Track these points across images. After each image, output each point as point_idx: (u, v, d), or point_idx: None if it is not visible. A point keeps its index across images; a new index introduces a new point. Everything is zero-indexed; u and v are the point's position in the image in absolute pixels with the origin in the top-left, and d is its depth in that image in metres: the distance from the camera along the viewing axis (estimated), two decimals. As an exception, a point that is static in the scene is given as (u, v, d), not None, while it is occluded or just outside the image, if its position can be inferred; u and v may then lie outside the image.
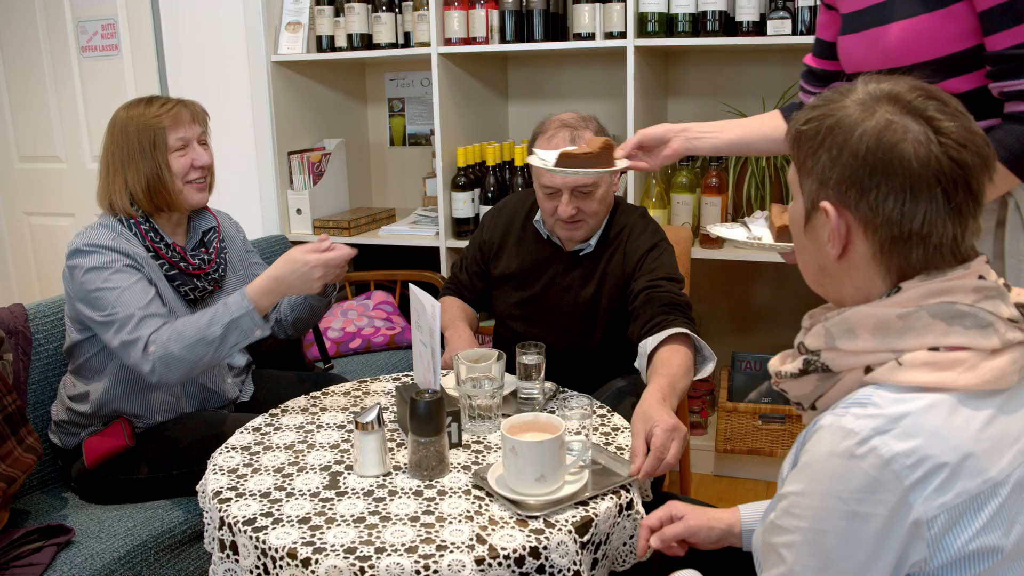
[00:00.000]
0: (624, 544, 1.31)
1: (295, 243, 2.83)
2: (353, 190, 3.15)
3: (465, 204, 2.71)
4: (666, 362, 1.58)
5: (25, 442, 1.68)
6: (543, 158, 1.60)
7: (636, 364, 1.67)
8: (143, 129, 1.74)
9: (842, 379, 0.88)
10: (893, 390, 0.83)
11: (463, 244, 2.73)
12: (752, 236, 1.48)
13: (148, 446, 1.79)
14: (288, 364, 2.30)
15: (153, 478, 1.77)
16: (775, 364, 0.99)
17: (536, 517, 1.22)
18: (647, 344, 1.64)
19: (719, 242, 2.53)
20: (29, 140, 3.36)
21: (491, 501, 1.28)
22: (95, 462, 1.76)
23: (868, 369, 0.85)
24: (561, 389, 1.71)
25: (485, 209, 2.69)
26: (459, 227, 2.74)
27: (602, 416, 1.59)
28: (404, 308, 2.80)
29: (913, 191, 0.83)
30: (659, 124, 1.56)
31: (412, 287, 1.52)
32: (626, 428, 1.53)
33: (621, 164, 1.52)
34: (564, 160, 1.51)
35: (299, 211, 2.91)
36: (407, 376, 1.82)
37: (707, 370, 1.66)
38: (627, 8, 2.41)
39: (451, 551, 1.15)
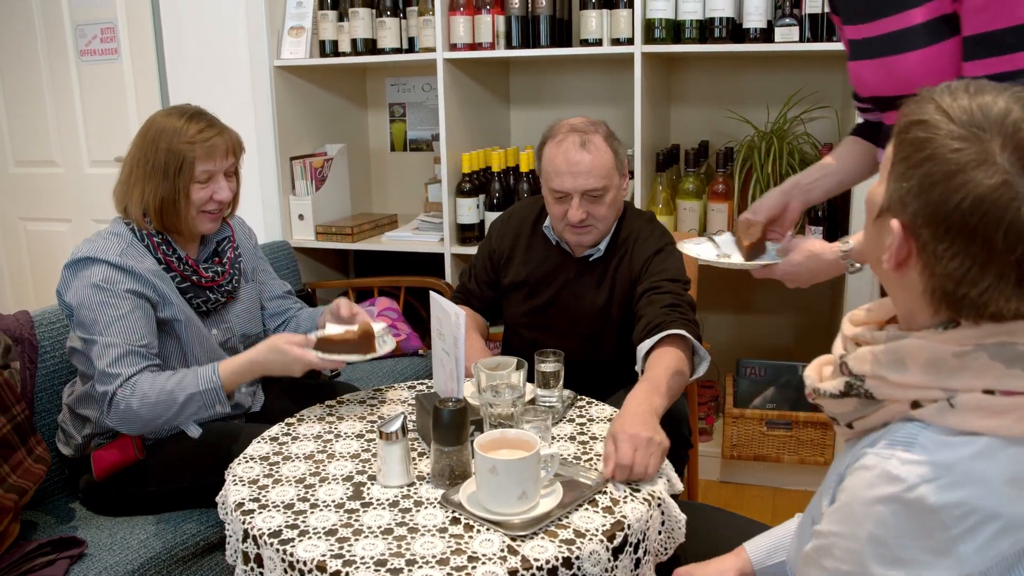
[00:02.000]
0: (659, 533, 1.31)
1: (297, 249, 2.83)
2: (354, 196, 3.14)
3: (470, 210, 2.70)
4: (655, 364, 1.59)
5: (35, 452, 1.66)
6: (321, 334, 1.66)
7: (636, 367, 1.67)
8: (173, 151, 1.69)
9: (886, 407, 0.85)
10: (941, 432, 0.80)
11: (468, 250, 2.72)
12: (721, 254, 1.48)
13: (158, 458, 1.76)
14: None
15: (164, 490, 1.75)
16: (812, 377, 0.97)
17: (524, 536, 1.19)
18: (643, 347, 1.65)
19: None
20: (25, 145, 3.32)
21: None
22: (103, 474, 1.73)
23: (915, 404, 0.82)
24: (579, 397, 1.71)
25: (490, 215, 2.68)
26: (464, 233, 2.73)
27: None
28: (408, 314, 2.79)
29: (985, 266, 0.78)
30: (767, 195, 1.53)
31: (433, 295, 1.51)
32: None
33: (383, 350, 1.62)
34: (323, 344, 1.61)
35: (301, 217, 2.89)
36: (422, 384, 1.80)
37: (701, 370, 1.68)
38: (634, 14, 2.41)
39: (483, 563, 1.14)
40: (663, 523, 1.32)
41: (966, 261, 0.78)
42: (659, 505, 1.31)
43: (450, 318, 1.41)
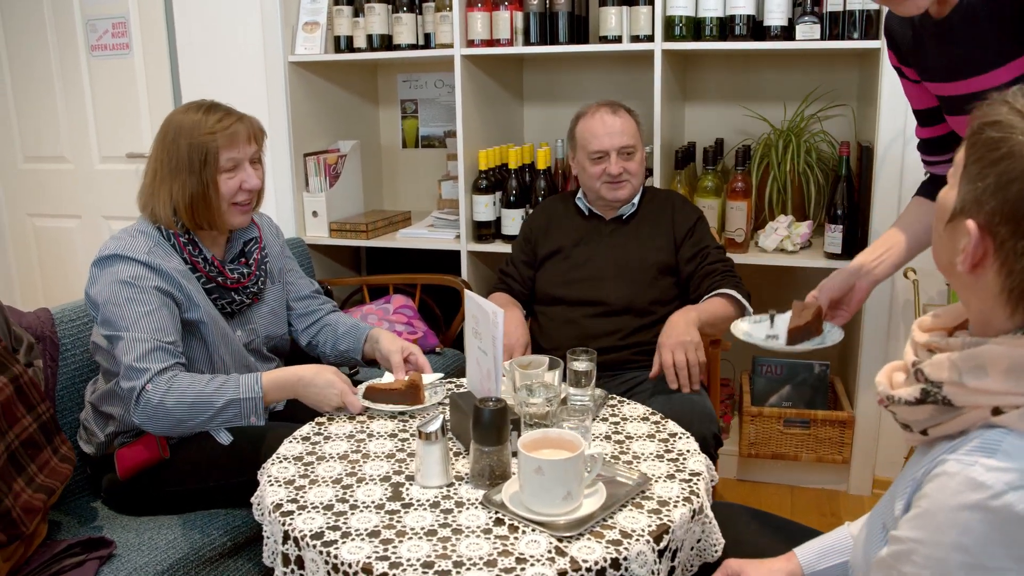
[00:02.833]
0: (692, 549, 1.30)
1: (311, 247, 2.81)
2: (366, 193, 3.12)
3: (487, 207, 2.68)
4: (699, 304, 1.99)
5: (60, 451, 1.64)
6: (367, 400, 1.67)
7: None
8: (195, 144, 1.66)
9: (964, 414, 0.84)
10: None
11: (484, 247, 2.71)
12: (771, 335, 1.49)
13: (184, 457, 1.74)
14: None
15: (189, 490, 1.73)
16: (884, 384, 0.95)
17: (570, 537, 1.18)
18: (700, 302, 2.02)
19: (744, 248, 2.53)
20: (34, 140, 3.28)
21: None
22: (128, 473, 1.71)
23: (996, 411, 0.81)
24: (610, 396, 1.70)
25: (507, 212, 2.68)
26: (480, 230, 2.72)
27: (657, 423, 1.57)
28: (423, 312, 2.77)
29: None
30: (833, 275, 1.50)
31: (468, 293, 1.50)
32: (684, 435, 1.52)
33: (432, 401, 1.64)
34: (370, 392, 1.64)
35: (315, 214, 2.87)
36: (450, 383, 1.79)
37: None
38: (655, 11, 2.40)
39: (532, 564, 1.13)
40: (699, 540, 1.31)
41: None
42: (703, 522, 1.30)
43: (488, 316, 1.39)
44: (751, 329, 1.52)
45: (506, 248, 2.70)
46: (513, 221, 2.67)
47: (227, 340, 1.77)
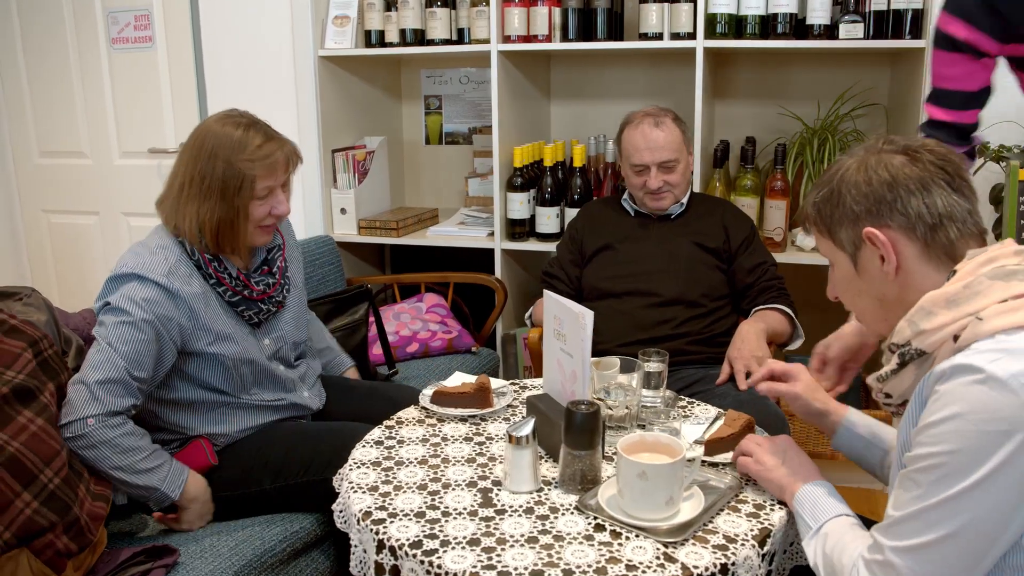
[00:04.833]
0: (784, 552, 1.28)
1: (340, 244, 2.76)
2: (391, 190, 3.08)
3: (521, 205, 2.65)
4: (759, 313, 2.08)
5: (115, 457, 1.59)
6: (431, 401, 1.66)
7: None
8: (232, 169, 1.59)
9: (937, 357, 0.98)
10: (985, 339, 0.93)
11: (518, 246, 2.69)
12: (700, 440, 1.43)
13: (233, 462, 1.70)
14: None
15: (244, 494, 1.69)
16: (872, 376, 1.09)
17: (676, 543, 1.16)
18: (754, 310, 2.10)
19: (782, 247, 2.52)
20: (51, 134, 3.19)
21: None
22: None
23: (956, 337, 0.96)
24: (679, 397, 1.68)
25: (541, 210, 2.65)
26: (514, 228, 2.69)
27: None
28: (456, 311, 2.74)
29: (925, 187, 1.03)
30: (834, 342, 1.46)
31: (549, 294, 1.47)
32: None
33: (500, 404, 1.62)
34: (438, 397, 1.63)
35: (343, 211, 2.83)
36: (513, 384, 1.76)
37: (795, 344, 2.13)
38: (696, 9, 2.38)
39: (643, 571, 1.10)
40: (791, 544, 1.29)
41: (916, 195, 1.02)
42: (792, 524, 1.28)
43: (575, 318, 1.36)
44: (684, 430, 1.48)
45: (540, 246, 2.67)
46: (548, 219, 2.65)
47: (248, 358, 1.71)
